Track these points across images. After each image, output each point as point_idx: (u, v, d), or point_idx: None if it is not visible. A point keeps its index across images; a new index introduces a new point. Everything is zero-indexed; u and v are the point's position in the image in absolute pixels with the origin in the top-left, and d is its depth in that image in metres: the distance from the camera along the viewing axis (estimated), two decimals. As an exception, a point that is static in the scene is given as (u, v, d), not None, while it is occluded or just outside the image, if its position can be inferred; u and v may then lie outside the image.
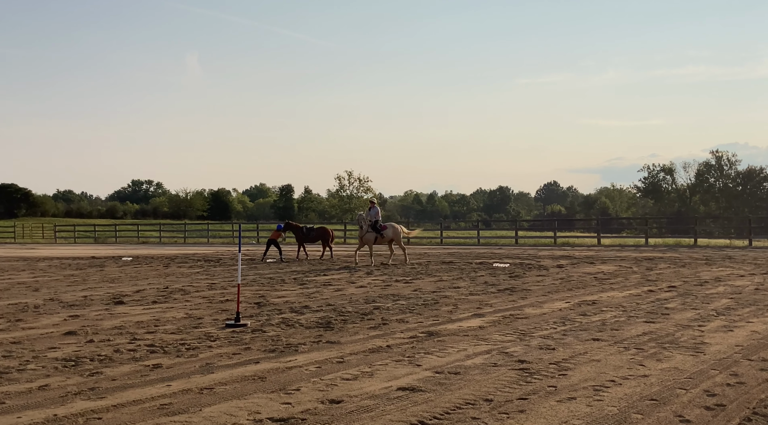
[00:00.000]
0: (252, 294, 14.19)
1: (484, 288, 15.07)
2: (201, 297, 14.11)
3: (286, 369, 7.26)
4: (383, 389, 6.37)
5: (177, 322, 10.65)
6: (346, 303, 12.63)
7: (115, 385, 6.62)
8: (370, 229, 22.88)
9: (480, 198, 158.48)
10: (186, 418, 5.49)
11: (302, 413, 5.62)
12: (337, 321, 10.44)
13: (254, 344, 8.70)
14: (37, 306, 12.83)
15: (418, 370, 7.14)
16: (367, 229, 22.91)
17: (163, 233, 55.65)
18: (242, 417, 5.53)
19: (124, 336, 9.39)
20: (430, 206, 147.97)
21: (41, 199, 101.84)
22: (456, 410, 5.69)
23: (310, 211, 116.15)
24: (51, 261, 27.10)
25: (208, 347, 8.55)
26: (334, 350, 8.28)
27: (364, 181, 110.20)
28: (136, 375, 7.04)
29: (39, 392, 6.40)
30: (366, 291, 14.65)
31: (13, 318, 11.22)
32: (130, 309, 12.38)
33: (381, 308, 11.94)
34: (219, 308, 12.29)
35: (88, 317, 11.38)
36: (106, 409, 5.76)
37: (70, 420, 5.48)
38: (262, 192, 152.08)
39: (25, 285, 17.21)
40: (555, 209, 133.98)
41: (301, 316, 11.07)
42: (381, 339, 8.94)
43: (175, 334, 9.53)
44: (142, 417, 5.53)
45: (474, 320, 10.55)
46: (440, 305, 12.26)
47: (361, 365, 7.42)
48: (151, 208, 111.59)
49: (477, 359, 7.69)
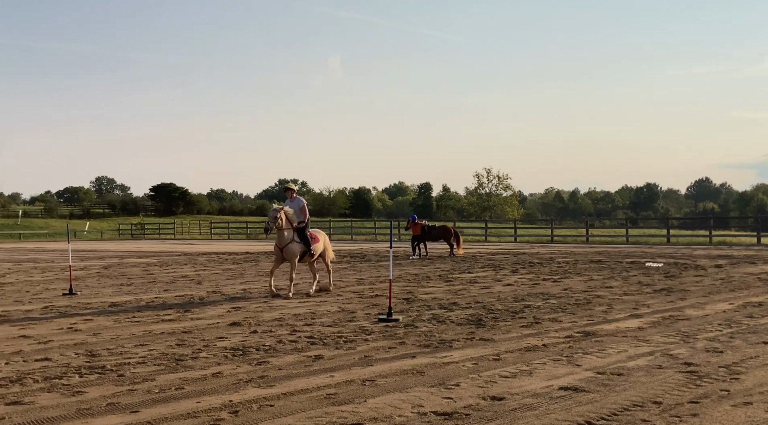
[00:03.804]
0: (399, 290, 14.39)
1: (638, 288, 14.53)
2: (351, 292, 14.46)
3: (443, 364, 7.31)
4: (544, 388, 6.29)
5: (332, 316, 10.98)
6: (494, 301, 12.55)
7: (282, 374, 6.92)
8: (295, 238, 14.07)
9: (626, 195, 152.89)
10: (352, 408, 5.65)
11: (465, 408, 5.64)
12: (488, 319, 10.40)
13: (408, 339, 8.82)
14: (202, 298, 13.62)
15: (578, 370, 6.99)
16: (291, 238, 13.97)
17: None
18: (406, 409, 5.62)
19: (285, 328, 9.78)
20: (572, 204, 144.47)
21: (197, 198, 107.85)
22: (623, 412, 5.52)
23: (448, 209, 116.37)
24: (209, 256, 28.64)
25: (364, 340, 8.76)
26: (488, 347, 8.26)
27: (503, 179, 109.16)
28: (300, 365, 7.31)
29: (213, 379, 6.79)
30: (514, 290, 14.50)
31: (182, 310, 11.96)
32: (287, 302, 12.89)
33: (531, 306, 11.78)
34: (369, 303, 12.56)
35: (249, 309, 11.95)
36: (277, 397, 6.03)
37: (244, 406, 5.77)
38: (401, 190, 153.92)
39: (188, 278, 18.30)
40: (707, 207, 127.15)
41: (450, 313, 11.12)
42: (535, 338, 8.82)
43: (332, 327, 9.83)
44: (311, 406, 5.74)
45: (631, 321, 10.19)
46: (593, 305, 11.94)
47: (518, 363, 7.35)
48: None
49: (639, 360, 7.43)
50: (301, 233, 14.19)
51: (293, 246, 13.94)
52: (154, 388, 6.40)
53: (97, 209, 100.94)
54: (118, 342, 8.85)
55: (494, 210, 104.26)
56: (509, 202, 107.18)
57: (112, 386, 6.51)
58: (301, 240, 14.14)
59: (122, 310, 11.96)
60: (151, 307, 12.36)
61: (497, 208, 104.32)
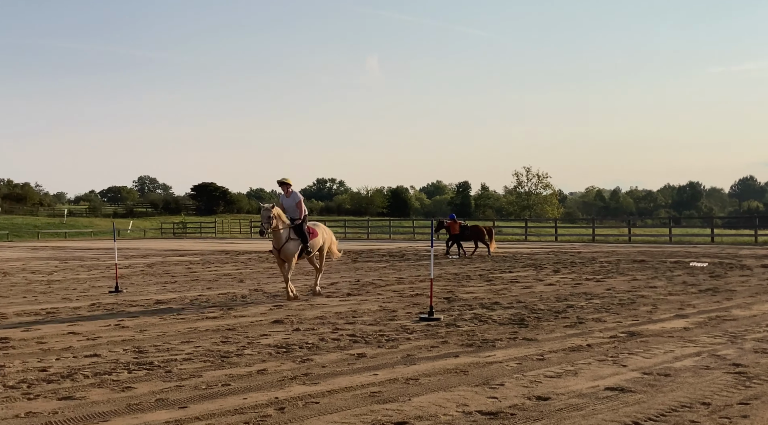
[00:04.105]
0: (440, 290, 14.38)
1: (683, 288, 14.31)
2: (392, 290, 14.49)
3: (487, 364, 7.29)
4: (590, 388, 6.24)
5: (373, 314, 11.02)
6: (536, 301, 12.47)
7: (326, 372, 6.97)
8: (291, 235, 13.32)
9: (668, 194, 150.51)
10: (397, 406, 5.67)
11: (510, 408, 5.62)
12: (530, 319, 10.34)
13: (450, 338, 8.81)
14: (244, 296, 13.77)
15: (624, 371, 6.91)
16: (288, 236, 13.22)
17: (347, 229, 57.73)
18: (451, 408, 5.62)
19: (327, 326, 9.85)
20: (613, 203, 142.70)
21: (236, 197, 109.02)
22: (671, 412, 5.46)
23: (486, 208, 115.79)
24: (250, 255, 28.92)
25: (406, 339, 8.77)
26: (532, 347, 8.21)
27: (543, 177, 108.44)
28: (344, 363, 7.36)
29: (258, 376, 6.86)
30: (556, 289, 14.38)
31: (225, 307, 12.10)
32: (328, 300, 12.96)
33: (575, 306, 11.68)
34: (410, 302, 12.57)
35: (291, 307, 12.05)
36: (322, 394, 6.08)
37: (290, 403, 5.83)
38: (439, 189, 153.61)
39: (230, 276, 18.52)
40: (752, 205, 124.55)
41: (492, 312, 11.07)
42: (579, 338, 8.75)
43: (373, 326, 9.87)
44: (356, 404, 5.78)
45: (677, 321, 10.05)
46: (637, 305, 11.79)
47: (562, 363, 7.30)
48: (335, 205, 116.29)
49: (686, 361, 7.33)
50: (299, 229, 13.35)
51: (290, 246, 13.17)
52: (201, 384, 6.50)
53: (140, 208, 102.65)
54: (164, 339, 8.99)
55: (534, 209, 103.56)
56: (549, 200, 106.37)
57: (160, 382, 6.63)
58: (299, 236, 13.32)
59: (167, 308, 12.15)
60: (195, 305, 12.54)
61: (537, 207, 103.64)
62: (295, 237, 13.25)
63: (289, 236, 13.17)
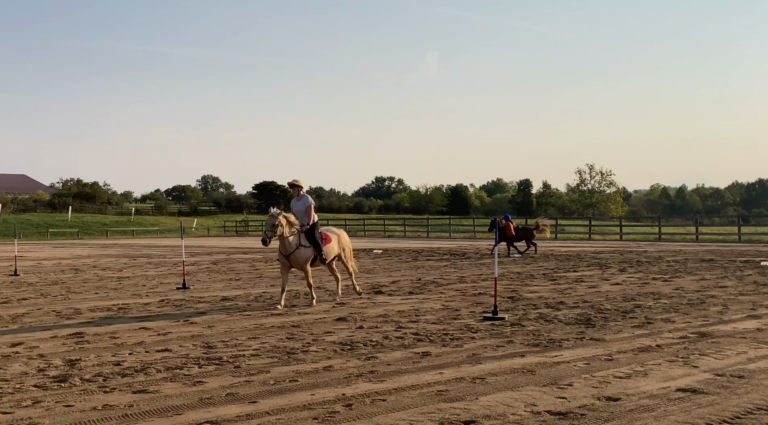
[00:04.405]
0: (504, 289, 14.28)
1: (754, 288, 13.89)
2: (454, 289, 14.46)
3: (554, 364, 7.21)
4: (661, 389, 6.11)
5: (436, 313, 11.01)
6: (603, 301, 12.28)
7: (391, 369, 7.00)
8: (302, 241, 12.36)
9: (736, 191, 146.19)
10: (464, 405, 5.66)
11: (579, 408, 5.55)
12: (597, 319, 10.19)
13: (516, 337, 8.75)
14: (307, 294, 13.91)
15: (695, 372, 6.76)
16: (297, 242, 12.29)
17: (407, 227, 57.78)
18: (519, 408, 5.58)
19: (390, 325, 9.89)
20: (679, 200, 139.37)
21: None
22: (747, 415, 5.31)
23: (548, 206, 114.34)
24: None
25: (471, 338, 8.74)
26: (599, 347, 8.09)
27: (606, 175, 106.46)
28: (408, 362, 7.38)
29: (325, 372, 6.94)
30: (623, 289, 14.13)
31: (289, 304, 12.26)
32: (390, 298, 13.02)
33: (642, 306, 11.46)
34: (473, 301, 12.52)
35: (354, 305, 12.14)
36: (388, 392, 6.11)
37: (357, 399, 5.87)
38: (499, 187, 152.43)
39: (292, 273, 18.68)
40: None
41: (558, 312, 10.95)
42: (648, 339, 8.58)
43: (437, 324, 9.86)
44: (423, 402, 5.79)
45: (749, 322, 9.77)
46: (707, 305, 11.49)
47: (631, 363, 7.18)
48: (394, 203, 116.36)
49: (761, 363, 7.11)
50: (310, 235, 12.36)
51: (301, 252, 12.21)
52: (270, 380, 6.60)
53: (204, 207, 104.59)
54: (231, 335, 9.17)
55: (597, 207, 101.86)
56: (613, 198, 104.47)
57: (229, 377, 6.76)
58: (311, 243, 12.35)
59: (233, 304, 12.38)
60: (260, 301, 12.73)
61: (600, 205, 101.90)
62: (307, 244, 12.31)
63: (299, 242, 12.26)
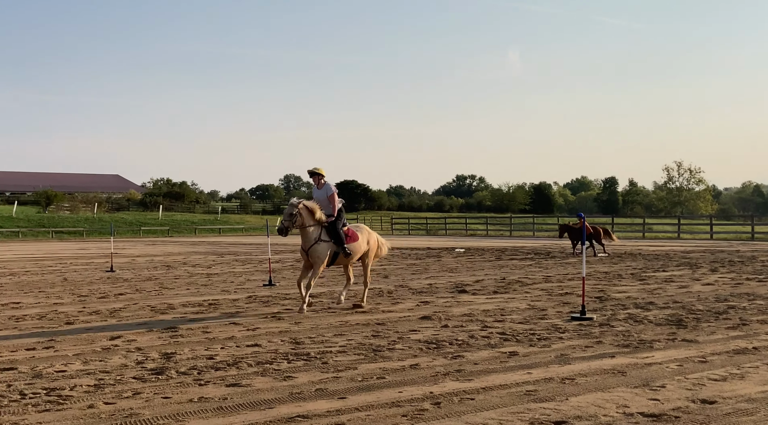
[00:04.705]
0: (591, 289, 14.00)
1: None
2: (539, 289, 14.28)
3: (645, 365, 7.05)
4: (760, 392, 5.89)
5: (522, 313, 10.90)
6: (694, 301, 11.90)
7: (478, 369, 6.98)
8: (323, 236, 11.40)
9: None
10: (554, 406, 5.59)
11: (673, 410, 5.41)
12: (689, 320, 9.89)
13: (605, 338, 8.58)
14: (390, 292, 14.01)
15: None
16: (317, 236, 11.34)
17: (489, 226, 57.35)
18: (611, 409, 5.48)
19: (475, 324, 9.85)
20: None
21: (377, 194, 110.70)
22: None
23: (635, 204, 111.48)
24: (392, 251, 29.32)
25: (558, 338, 8.62)
26: (692, 349, 7.86)
27: (695, 172, 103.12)
28: (495, 361, 7.34)
29: (411, 370, 6.97)
30: (715, 289, 13.66)
31: (373, 302, 12.36)
32: (474, 297, 12.96)
33: (736, 307, 11.05)
34: (560, 300, 12.33)
35: (437, 304, 12.14)
36: (476, 391, 6.10)
37: (445, 398, 5.88)
38: (584, 185, 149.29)
39: (375, 272, 18.84)
40: None
41: (647, 313, 10.68)
42: (744, 341, 8.28)
43: (523, 324, 9.77)
44: (512, 401, 5.75)
45: None
46: (808, 307, 11.00)
47: (726, 366, 6.94)
48: (475, 201, 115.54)
49: None
50: (332, 229, 11.41)
51: (320, 247, 11.23)
52: (357, 376, 6.68)
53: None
54: (318, 331, 9.32)
55: (686, 205, 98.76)
56: (702, 196, 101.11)
57: (318, 372, 6.88)
58: (332, 238, 11.37)
59: (318, 301, 12.57)
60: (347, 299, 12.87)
61: (689, 203, 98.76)
62: (327, 239, 11.34)
63: (319, 236, 11.31)
